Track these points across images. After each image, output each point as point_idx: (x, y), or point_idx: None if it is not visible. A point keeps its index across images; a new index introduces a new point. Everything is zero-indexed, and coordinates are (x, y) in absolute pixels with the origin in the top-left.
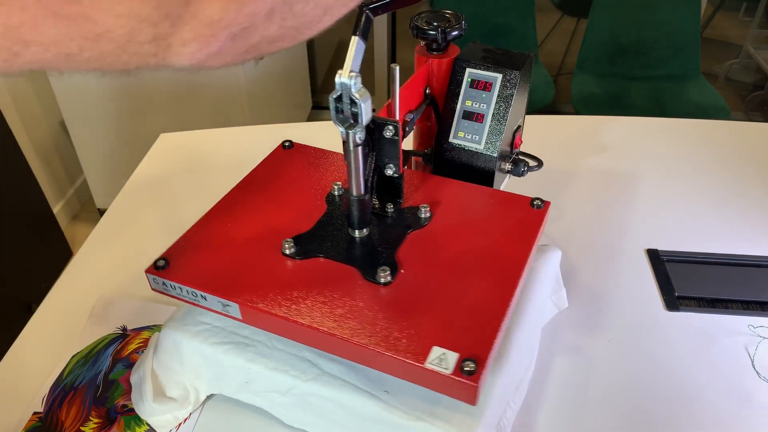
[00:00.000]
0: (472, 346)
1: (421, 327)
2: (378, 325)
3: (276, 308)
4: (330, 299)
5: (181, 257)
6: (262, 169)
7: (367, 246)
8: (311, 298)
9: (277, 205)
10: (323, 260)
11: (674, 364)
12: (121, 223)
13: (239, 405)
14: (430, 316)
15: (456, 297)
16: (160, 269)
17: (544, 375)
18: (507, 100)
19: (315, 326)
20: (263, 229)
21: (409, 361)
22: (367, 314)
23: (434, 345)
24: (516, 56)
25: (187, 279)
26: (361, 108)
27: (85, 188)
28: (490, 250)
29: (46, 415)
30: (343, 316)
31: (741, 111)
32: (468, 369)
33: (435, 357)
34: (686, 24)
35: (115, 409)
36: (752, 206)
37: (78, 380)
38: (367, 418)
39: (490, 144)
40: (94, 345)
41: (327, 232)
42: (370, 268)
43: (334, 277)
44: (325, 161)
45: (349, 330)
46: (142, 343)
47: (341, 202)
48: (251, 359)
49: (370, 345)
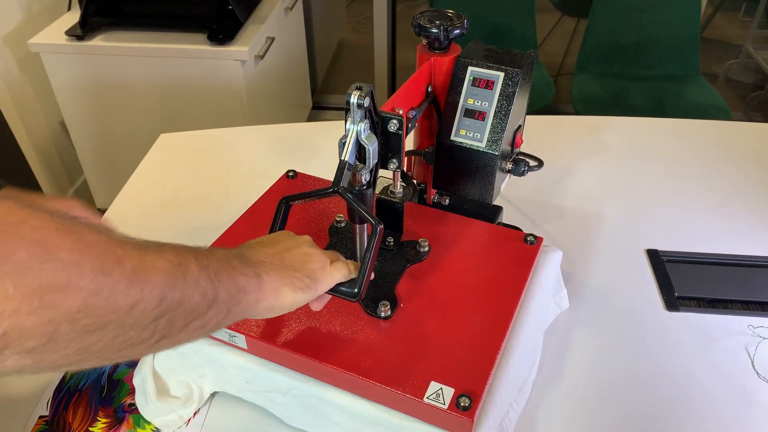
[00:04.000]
0: (467, 382)
1: (419, 361)
2: (378, 359)
3: (279, 341)
4: (332, 332)
5: None
6: (266, 199)
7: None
8: (314, 331)
9: None
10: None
11: (674, 364)
12: (121, 223)
13: (245, 404)
14: (428, 351)
15: (453, 332)
16: None
17: (546, 375)
18: (509, 98)
19: (317, 359)
20: None
21: (408, 395)
22: (368, 348)
23: (432, 380)
24: (518, 55)
25: None
26: (369, 153)
27: (85, 188)
28: (485, 286)
29: (53, 419)
30: (343, 349)
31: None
32: (464, 405)
33: (432, 392)
34: (686, 24)
35: (123, 408)
36: (752, 206)
37: (81, 382)
38: (367, 419)
39: (491, 142)
40: None
41: None
42: (371, 302)
43: (336, 311)
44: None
45: (350, 363)
46: None
47: (344, 234)
48: (251, 360)
49: (371, 379)
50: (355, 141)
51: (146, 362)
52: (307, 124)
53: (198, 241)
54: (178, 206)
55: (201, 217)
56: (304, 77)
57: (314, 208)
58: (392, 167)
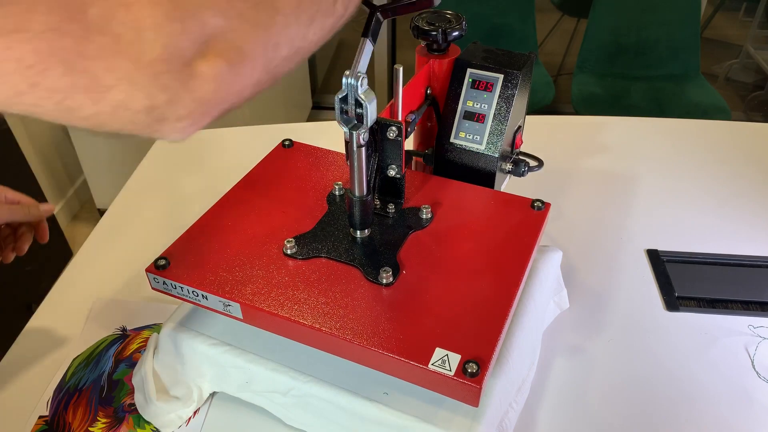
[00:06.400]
0: (474, 348)
1: (423, 328)
2: (380, 326)
3: (277, 309)
4: (332, 300)
5: (182, 256)
6: (263, 167)
7: (369, 246)
8: (313, 299)
9: (278, 205)
10: (325, 260)
11: (674, 364)
12: (121, 223)
13: (245, 404)
14: (432, 318)
15: (458, 298)
16: (160, 268)
17: (546, 375)
18: (508, 100)
19: (317, 327)
20: (264, 228)
21: (412, 362)
22: (369, 315)
23: (437, 347)
24: (517, 56)
25: (188, 278)
26: (366, 109)
27: (85, 188)
28: (491, 252)
29: (53, 418)
30: (345, 316)
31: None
32: (470, 371)
33: (438, 359)
34: (686, 24)
35: (123, 408)
36: (752, 206)
37: (81, 382)
38: (367, 420)
39: (491, 144)
40: (94, 347)
41: (328, 233)
42: (372, 269)
43: (336, 278)
44: (325, 160)
45: (351, 331)
46: (143, 343)
47: (342, 202)
48: (251, 360)
49: (373, 346)
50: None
51: (146, 362)
52: (307, 124)
53: None
54: (178, 206)
55: None
56: (304, 77)
57: (313, 176)
58: (392, 173)
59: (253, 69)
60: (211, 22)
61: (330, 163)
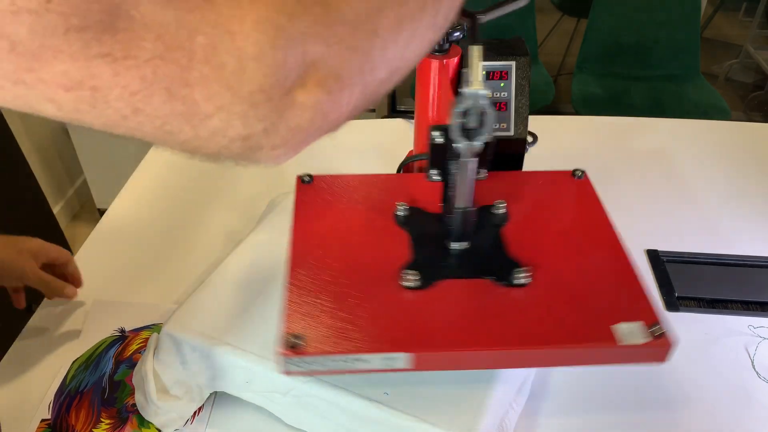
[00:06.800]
0: (640, 313)
1: (585, 313)
2: (551, 324)
3: (448, 345)
4: (490, 315)
5: (308, 328)
6: (304, 216)
7: (476, 255)
8: (472, 321)
9: (354, 245)
10: (448, 281)
11: (674, 364)
12: (121, 223)
13: (246, 404)
14: (580, 300)
15: (586, 276)
16: (295, 347)
17: (546, 376)
18: (524, 83)
19: (500, 347)
20: (363, 271)
21: (603, 348)
22: (534, 317)
23: (610, 324)
24: (513, 43)
25: (335, 347)
26: (488, 117)
27: (85, 188)
28: (576, 227)
29: (55, 421)
30: (515, 325)
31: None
32: (658, 332)
33: (625, 333)
34: (686, 24)
35: (126, 408)
36: (752, 206)
37: (82, 384)
38: (367, 420)
39: (519, 128)
40: (94, 348)
41: (429, 253)
42: (502, 274)
43: (474, 294)
44: (359, 187)
45: (533, 337)
46: (143, 344)
47: (415, 221)
48: (251, 360)
49: (561, 345)
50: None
51: (146, 362)
52: None
53: (198, 240)
54: (178, 206)
55: (202, 217)
56: None
57: (361, 207)
58: (435, 178)
59: (350, 95)
60: (312, 49)
61: (366, 187)
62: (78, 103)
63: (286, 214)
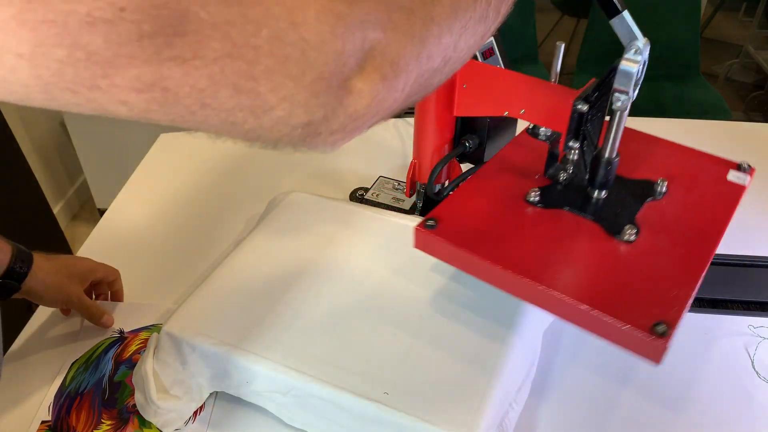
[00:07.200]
0: (668, 310)
1: (632, 293)
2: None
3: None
4: (576, 256)
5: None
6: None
7: (609, 207)
8: (558, 258)
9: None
10: (566, 212)
11: (674, 364)
12: (121, 223)
13: (246, 404)
14: (641, 281)
15: (662, 263)
16: (429, 228)
17: (546, 375)
18: (504, 52)
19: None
20: (499, 192)
21: (615, 322)
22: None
23: (641, 313)
24: None
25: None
26: (644, 67)
27: (85, 188)
28: (698, 219)
29: (56, 423)
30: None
31: (741, 111)
32: (662, 332)
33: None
34: (686, 24)
35: (127, 409)
36: (752, 206)
37: (82, 386)
38: (367, 420)
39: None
40: (93, 350)
41: (568, 189)
42: (614, 225)
43: (576, 229)
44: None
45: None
46: (142, 344)
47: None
48: (251, 360)
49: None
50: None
51: (146, 361)
52: None
53: (198, 240)
54: (178, 206)
55: (202, 216)
56: None
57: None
58: (574, 146)
59: (406, 82)
60: (371, 36)
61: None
62: (149, 103)
63: (286, 214)
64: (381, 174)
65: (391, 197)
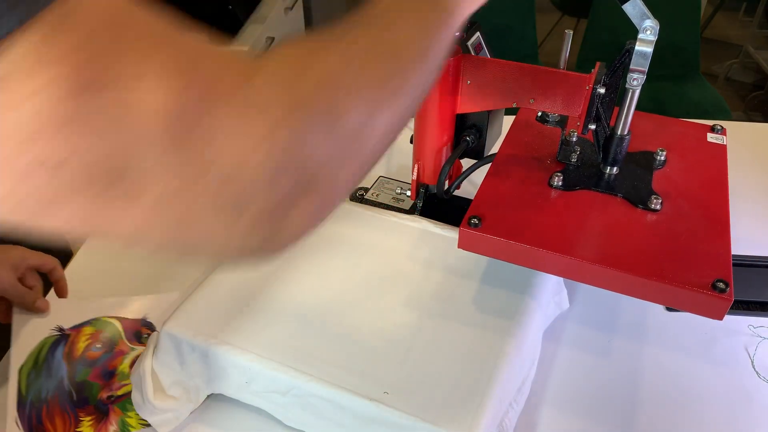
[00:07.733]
0: (718, 269)
1: (673, 255)
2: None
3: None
4: (617, 232)
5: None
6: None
7: (624, 181)
8: (602, 236)
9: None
10: (588, 192)
11: (674, 364)
12: None
13: (245, 404)
14: (679, 244)
15: (692, 225)
16: (474, 226)
17: (546, 375)
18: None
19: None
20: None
21: (676, 287)
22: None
23: (690, 271)
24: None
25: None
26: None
27: None
28: (703, 181)
29: None
30: (620, 248)
31: (741, 111)
32: (720, 287)
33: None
34: (686, 24)
35: (102, 402)
36: (752, 206)
37: (43, 393)
38: (367, 419)
39: None
40: (37, 351)
41: (584, 169)
42: (638, 197)
43: (602, 204)
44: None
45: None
46: (90, 340)
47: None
48: (251, 360)
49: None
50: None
51: (145, 361)
52: None
53: None
54: None
55: None
56: None
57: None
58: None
59: (345, 197)
60: (313, 165)
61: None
62: (89, 231)
63: None
64: (381, 174)
65: (391, 197)
